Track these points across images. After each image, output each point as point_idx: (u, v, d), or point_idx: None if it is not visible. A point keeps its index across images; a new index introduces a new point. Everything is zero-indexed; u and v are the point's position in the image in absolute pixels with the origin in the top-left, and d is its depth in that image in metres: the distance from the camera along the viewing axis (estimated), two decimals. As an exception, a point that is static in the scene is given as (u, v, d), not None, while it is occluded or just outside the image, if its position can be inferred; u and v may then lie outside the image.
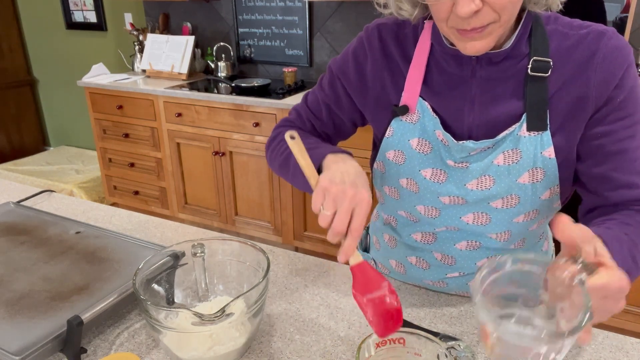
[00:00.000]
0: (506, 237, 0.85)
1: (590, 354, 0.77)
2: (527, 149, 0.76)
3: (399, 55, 0.83)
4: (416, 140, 0.82)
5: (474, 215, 0.82)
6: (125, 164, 3.21)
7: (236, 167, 2.81)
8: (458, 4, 0.64)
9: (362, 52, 0.86)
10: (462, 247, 0.87)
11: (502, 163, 0.77)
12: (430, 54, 0.81)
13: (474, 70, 0.77)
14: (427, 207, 0.84)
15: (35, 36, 4.03)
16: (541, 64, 0.73)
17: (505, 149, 0.77)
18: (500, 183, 0.78)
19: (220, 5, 3.18)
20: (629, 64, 0.72)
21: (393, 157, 0.85)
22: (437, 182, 0.81)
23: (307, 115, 0.95)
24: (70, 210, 1.26)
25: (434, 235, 0.88)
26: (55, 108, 4.22)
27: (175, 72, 3.11)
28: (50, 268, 0.89)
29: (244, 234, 2.94)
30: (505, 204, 0.79)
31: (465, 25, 0.66)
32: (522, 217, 0.81)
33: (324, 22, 2.91)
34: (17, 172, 3.54)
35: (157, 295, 0.80)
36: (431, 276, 0.92)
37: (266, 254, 0.78)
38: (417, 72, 0.81)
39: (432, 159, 0.81)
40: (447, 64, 0.79)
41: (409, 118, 0.83)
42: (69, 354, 0.72)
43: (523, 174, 0.77)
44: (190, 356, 0.71)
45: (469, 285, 0.89)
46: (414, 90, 0.82)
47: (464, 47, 0.70)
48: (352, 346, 0.78)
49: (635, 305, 2.10)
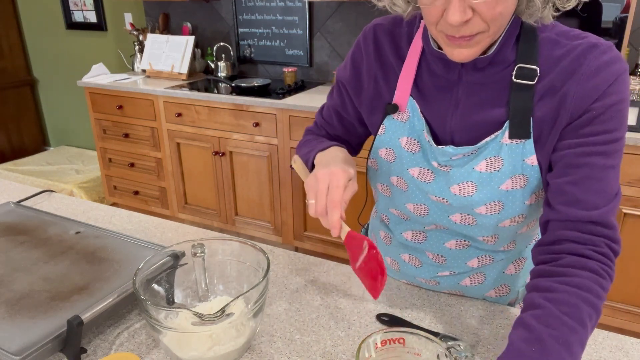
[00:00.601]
0: (494, 240, 0.85)
1: (590, 354, 0.77)
2: (509, 156, 0.75)
3: (393, 54, 0.84)
4: (405, 139, 0.83)
5: (461, 215, 0.82)
6: (125, 164, 3.21)
7: (236, 167, 2.81)
8: (449, 11, 0.63)
9: (359, 54, 0.88)
10: (452, 246, 0.87)
11: (484, 170, 0.76)
12: (422, 54, 0.80)
13: (460, 75, 0.77)
14: (416, 205, 0.85)
15: (35, 36, 4.03)
16: (526, 72, 0.72)
17: (487, 156, 0.76)
18: (482, 190, 0.77)
19: (220, 5, 3.18)
20: (617, 79, 0.69)
21: (385, 155, 0.86)
22: (424, 182, 0.82)
23: (321, 123, 0.99)
24: (70, 210, 1.26)
25: (424, 234, 0.89)
26: (55, 108, 4.22)
27: (175, 72, 3.11)
28: (50, 268, 0.89)
29: (244, 234, 2.94)
30: (489, 210, 0.78)
31: (454, 32, 0.66)
32: (508, 221, 0.80)
33: (324, 22, 2.91)
34: (17, 172, 3.54)
35: (157, 295, 0.80)
36: (423, 274, 0.93)
37: (266, 254, 0.78)
38: (408, 71, 0.82)
39: (420, 158, 0.82)
40: (436, 66, 0.79)
41: (399, 117, 0.83)
42: (69, 354, 0.72)
43: (505, 181, 0.76)
44: (190, 356, 0.71)
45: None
46: (405, 89, 0.82)
47: (451, 53, 0.70)
48: (352, 346, 0.78)
49: (635, 305, 2.10)
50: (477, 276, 0.90)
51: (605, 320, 2.16)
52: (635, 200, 1.95)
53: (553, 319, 0.63)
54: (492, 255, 0.88)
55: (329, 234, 2.68)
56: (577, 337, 0.62)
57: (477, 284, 0.91)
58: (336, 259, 2.38)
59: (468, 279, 0.91)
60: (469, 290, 0.92)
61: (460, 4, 0.62)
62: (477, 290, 0.92)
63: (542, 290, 0.68)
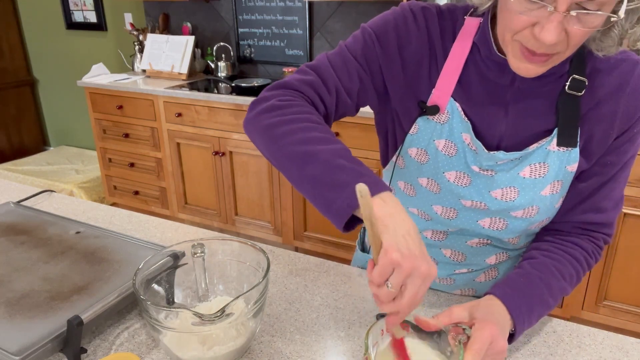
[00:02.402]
0: (517, 240, 0.86)
1: (590, 354, 0.77)
2: (554, 163, 0.76)
3: (440, 46, 0.78)
4: (443, 141, 0.79)
5: (491, 220, 0.82)
6: (125, 164, 3.21)
7: (236, 167, 2.81)
8: (545, 28, 0.60)
9: (405, 29, 0.78)
10: (474, 244, 0.87)
11: (528, 176, 0.77)
12: (470, 53, 0.77)
13: (513, 80, 0.75)
14: (446, 208, 0.83)
15: (35, 36, 4.02)
16: (578, 83, 0.73)
17: (532, 162, 0.77)
18: (524, 195, 0.78)
19: (220, 5, 3.18)
20: None
21: (415, 155, 0.82)
22: (461, 186, 0.80)
23: (317, 86, 0.78)
24: (70, 210, 1.26)
25: (446, 233, 0.88)
26: (55, 108, 4.22)
27: (175, 72, 3.11)
28: (50, 268, 0.89)
29: (244, 234, 2.94)
30: (525, 214, 0.80)
31: (537, 48, 0.64)
32: (537, 224, 0.82)
33: (324, 22, 2.91)
34: (17, 172, 3.54)
35: (157, 295, 0.80)
36: (439, 273, 0.92)
37: (266, 254, 0.78)
38: (452, 70, 0.78)
39: (457, 161, 0.79)
40: (487, 69, 0.76)
41: (437, 118, 0.79)
42: (69, 354, 0.72)
43: (546, 186, 0.78)
44: (190, 356, 0.71)
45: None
46: (446, 88, 0.78)
47: (517, 66, 0.68)
48: (352, 346, 0.78)
49: (635, 305, 2.10)
50: (491, 271, 0.91)
51: (605, 320, 2.16)
52: (635, 200, 1.95)
53: (543, 267, 0.78)
54: (508, 253, 0.90)
55: (329, 234, 2.68)
56: (557, 283, 0.77)
57: (491, 279, 0.92)
58: (336, 259, 2.38)
59: (483, 275, 0.91)
60: (482, 285, 0.92)
61: (559, 25, 0.60)
62: (489, 285, 0.92)
63: (542, 250, 0.81)
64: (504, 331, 0.68)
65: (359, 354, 0.77)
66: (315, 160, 0.65)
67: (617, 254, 2.06)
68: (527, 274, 0.77)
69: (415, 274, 0.57)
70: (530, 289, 0.75)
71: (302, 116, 0.71)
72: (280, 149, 0.69)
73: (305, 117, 0.71)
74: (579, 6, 0.59)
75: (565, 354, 0.77)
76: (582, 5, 0.59)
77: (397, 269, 0.56)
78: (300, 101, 0.74)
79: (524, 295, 0.73)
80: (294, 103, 0.73)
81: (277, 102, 0.73)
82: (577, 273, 0.80)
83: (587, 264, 0.82)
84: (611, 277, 2.10)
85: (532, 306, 0.73)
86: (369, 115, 2.30)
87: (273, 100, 0.74)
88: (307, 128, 0.69)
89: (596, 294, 2.14)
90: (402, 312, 0.59)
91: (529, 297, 0.74)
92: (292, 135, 0.68)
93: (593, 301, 2.16)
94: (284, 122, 0.70)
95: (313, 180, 0.65)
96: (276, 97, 0.74)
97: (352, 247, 2.65)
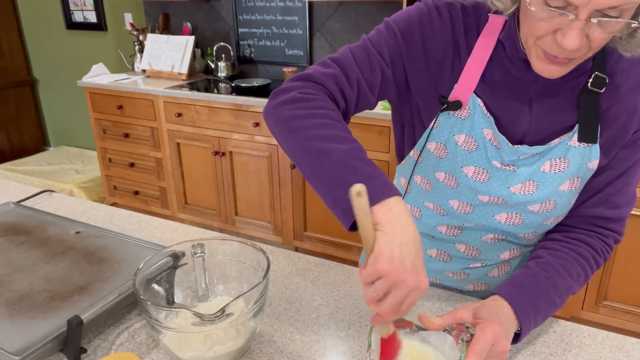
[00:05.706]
0: (532, 236, 0.86)
1: (590, 354, 0.77)
2: (574, 158, 0.77)
3: (464, 42, 0.79)
4: (463, 136, 0.80)
5: (507, 215, 0.82)
6: (125, 164, 3.21)
7: (236, 167, 2.81)
8: (567, 35, 0.61)
9: (429, 25, 0.78)
10: (488, 239, 0.87)
11: (548, 170, 0.78)
12: (494, 50, 0.77)
13: (537, 76, 0.75)
14: (462, 203, 0.83)
15: (35, 36, 4.03)
16: (600, 80, 0.74)
17: (552, 156, 0.77)
18: (543, 190, 0.78)
19: (220, 5, 3.18)
20: None
21: (435, 150, 0.82)
22: (479, 181, 0.80)
23: (340, 82, 0.77)
24: (70, 210, 1.26)
25: (460, 229, 0.88)
26: (55, 108, 4.22)
27: (175, 72, 3.11)
28: (50, 268, 0.89)
29: (244, 234, 2.94)
30: (542, 209, 0.80)
31: (559, 53, 0.65)
32: (553, 219, 0.82)
33: (324, 22, 2.91)
34: (17, 172, 3.54)
35: (157, 295, 0.80)
36: (453, 267, 0.92)
37: (266, 254, 0.78)
38: (475, 66, 0.78)
39: (476, 157, 0.80)
40: (512, 65, 0.77)
41: (458, 113, 0.80)
42: (69, 354, 0.72)
43: (565, 181, 0.78)
44: (190, 356, 0.71)
45: None
46: (469, 84, 0.78)
47: (541, 67, 0.69)
48: (352, 346, 0.78)
49: (635, 305, 2.10)
50: (504, 266, 0.92)
51: (605, 320, 2.16)
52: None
53: (549, 266, 0.78)
54: (522, 249, 0.90)
55: (329, 234, 2.68)
56: (564, 282, 0.77)
57: (504, 273, 0.92)
58: (336, 259, 2.38)
59: (496, 270, 0.92)
60: (495, 280, 0.93)
61: (581, 32, 0.60)
62: (501, 280, 0.93)
63: (548, 249, 0.81)
64: (507, 332, 0.68)
65: (359, 354, 0.77)
66: (329, 159, 0.65)
67: (617, 254, 2.06)
68: (533, 273, 0.77)
69: (400, 286, 0.57)
70: (536, 288, 0.75)
71: (322, 112, 0.71)
72: (296, 143, 0.70)
73: (324, 112, 0.71)
74: (600, 13, 0.59)
75: (565, 354, 0.77)
76: (603, 12, 0.59)
77: (383, 278, 0.57)
78: (321, 96, 0.74)
79: (530, 295, 0.73)
80: (315, 97, 0.73)
81: (298, 94, 0.73)
82: (584, 271, 0.80)
83: (595, 262, 0.81)
84: (611, 277, 2.10)
85: (538, 306, 0.73)
86: (369, 115, 2.30)
87: (295, 92, 0.74)
88: (325, 125, 0.69)
89: (596, 294, 2.14)
90: (384, 316, 0.60)
91: (535, 296, 0.74)
92: (310, 131, 0.68)
93: (593, 301, 2.16)
94: (303, 116, 0.70)
95: (324, 178, 0.66)
96: (298, 89, 0.74)
97: (352, 247, 2.65)
